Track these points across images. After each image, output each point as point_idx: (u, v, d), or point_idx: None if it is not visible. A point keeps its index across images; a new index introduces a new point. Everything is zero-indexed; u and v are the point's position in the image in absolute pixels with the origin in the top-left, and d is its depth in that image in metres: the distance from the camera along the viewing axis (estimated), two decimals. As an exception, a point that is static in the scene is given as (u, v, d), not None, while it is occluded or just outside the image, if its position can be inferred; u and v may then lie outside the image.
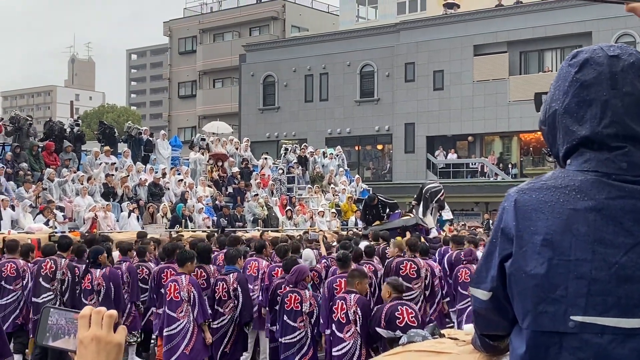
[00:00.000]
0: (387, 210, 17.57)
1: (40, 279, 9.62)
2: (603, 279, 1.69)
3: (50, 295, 9.50)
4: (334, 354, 7.51)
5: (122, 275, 10.05)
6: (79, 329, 1.55)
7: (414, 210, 17.92)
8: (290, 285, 8.21)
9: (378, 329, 7.13)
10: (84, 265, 9.87)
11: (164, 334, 8.42)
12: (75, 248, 10.34)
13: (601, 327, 1.69)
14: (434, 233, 16.52)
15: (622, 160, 1.77)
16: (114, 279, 9.60)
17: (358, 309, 7.40)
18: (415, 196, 18.72)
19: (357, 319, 7.38)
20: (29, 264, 10.20)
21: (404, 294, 9.02)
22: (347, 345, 7.40)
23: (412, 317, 7.03)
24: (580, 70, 1.83)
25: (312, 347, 8.09)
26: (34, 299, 9.61)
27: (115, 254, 11.25)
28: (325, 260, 11.12)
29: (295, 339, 7.99)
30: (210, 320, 8.57)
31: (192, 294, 8.30)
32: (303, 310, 8.01)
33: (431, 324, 3.41)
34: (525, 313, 1.77)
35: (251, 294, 9.50)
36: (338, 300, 7.58)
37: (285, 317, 8.05)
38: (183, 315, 8.30)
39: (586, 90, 1.81)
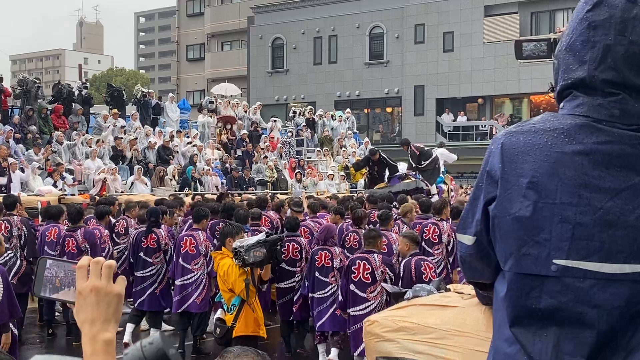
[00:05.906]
0: (387, 172, 17.53)
1: None
2: (587, 223, 1.67)
3: (10, 253, 9.55)
4: (354, 313, 7.54)
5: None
6: (77, 280, 1.49)
7: (413, 173, 17.72)
8: (320, 243, 8.54)
9: (383, 284, 7.24)
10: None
11: (177, 283, 8.97)
12: (98, 211, 10.56)
13: (583, 271, 1.67)
14: (435, 196, 16.40)
15: (614, 107, 1.72)
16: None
17: (387, 269, 7.54)
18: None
19: (388, 279, 7.48)
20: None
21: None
22: (371, 304, 7.48)
23: (433, 272, 7.28)
24: (593, 9, 1.76)
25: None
26: None
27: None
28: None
29: (328, 294, 8.29)
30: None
31: (210, 249, 8.86)
32: (334, 265, 8.32)
33: (437, 279, 3.41)
34: (508, 255, 1.76)
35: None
36: (358, 261, 7.62)
37: (317, 274, 8.35)
38: (198, 267, 8.95)
39: (593, 31, 1.75)
